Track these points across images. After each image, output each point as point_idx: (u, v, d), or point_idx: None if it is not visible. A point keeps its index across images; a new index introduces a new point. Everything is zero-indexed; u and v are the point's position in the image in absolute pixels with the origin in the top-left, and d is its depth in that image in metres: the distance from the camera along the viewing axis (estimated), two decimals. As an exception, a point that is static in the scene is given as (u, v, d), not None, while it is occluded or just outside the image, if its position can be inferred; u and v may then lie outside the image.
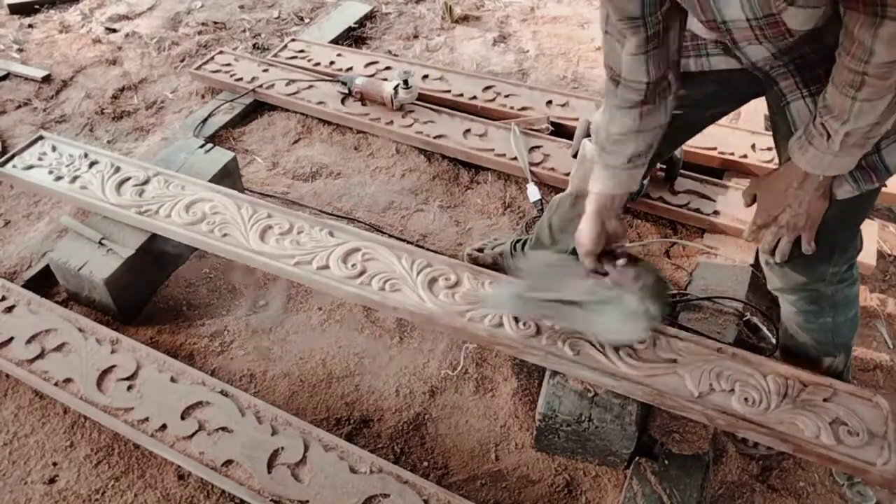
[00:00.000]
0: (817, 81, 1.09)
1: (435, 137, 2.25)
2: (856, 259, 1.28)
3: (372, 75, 2.53)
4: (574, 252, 1.60)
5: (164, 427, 1.40)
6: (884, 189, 1.98)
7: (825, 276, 1.26)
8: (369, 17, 3.20)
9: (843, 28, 0.93)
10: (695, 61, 1.26)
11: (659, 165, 1.97)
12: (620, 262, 1.32)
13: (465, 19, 3.19)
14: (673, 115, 1.27)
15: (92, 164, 1.85)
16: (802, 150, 1.07)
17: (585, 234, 1.31)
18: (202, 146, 2.00)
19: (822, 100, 1.01)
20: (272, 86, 2.49)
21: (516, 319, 1.42)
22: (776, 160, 2.12)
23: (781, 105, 1.16)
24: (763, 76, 1.17)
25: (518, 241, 1.81)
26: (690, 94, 1.28)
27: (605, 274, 1.33)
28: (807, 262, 1.24)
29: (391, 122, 2.31)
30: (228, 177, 1.96)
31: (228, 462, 1.35)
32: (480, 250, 1.87)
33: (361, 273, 1.54)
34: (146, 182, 1.79)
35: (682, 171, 2.03)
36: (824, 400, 1.29)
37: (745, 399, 1.28)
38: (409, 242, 1.86)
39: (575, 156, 2.09)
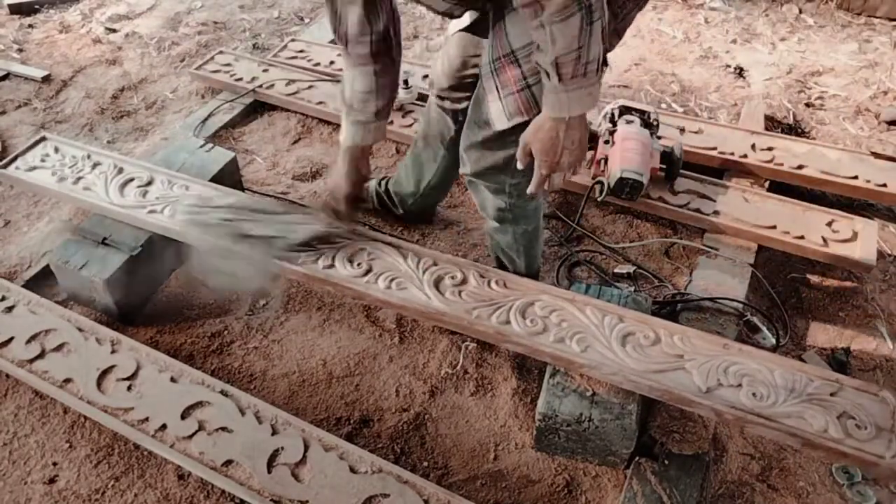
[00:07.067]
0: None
1: (435, 137, 2.25)
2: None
3: (372, 75, 2.53)
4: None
5: (164, 427, 1.40)
6: (884, 189, 2.03)
7: (505, 186, 1.46)
8: (369, 17, 3.20)
9: None
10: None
11: (659, 164, 1.97)
12: (365, 206, 1.58)
13: (465, 19, 3.18)
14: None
15: (95, 166, 1.85)
16: (545, 100, 1.16)
17: (345, 181, 1.54)
18: (202, 146, 2.00)
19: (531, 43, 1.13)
20: (272, 86, 2.49)
21: (523, 315, 1.43)
22: (775, 160, 2.14)
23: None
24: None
25: (384, 178, 2.00)
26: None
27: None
28: (491, 174, 1.45)
29: (391, 122, 2.31)
30: (229, 177, 1.96)
31: (228, 462, 1.35)
32: None
33: (367, 272, 1.54)
34: (150, 183, 1.79)
35: (681, 171, 2.03)
36: (831, 394, 1.29)
37: (753, 394, 1.28)
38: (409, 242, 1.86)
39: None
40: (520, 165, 1.30)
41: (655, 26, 3.20)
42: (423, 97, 2.40)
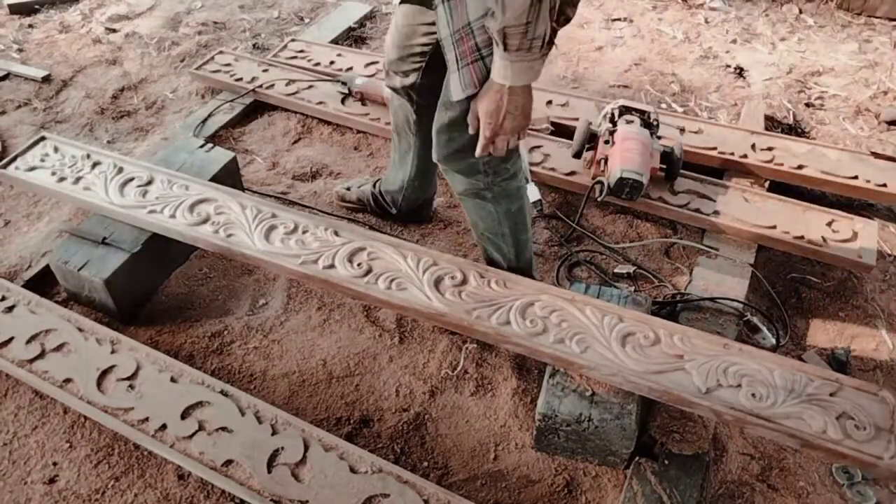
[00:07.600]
0: None
1: (435, 137, 2.25)
2: (509, 154, 1.38)
3: (372, 75, 2.53)
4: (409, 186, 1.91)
5: (164, 427, 1.40)
6: (884, 189, 2.03)
7: (479, 165, 1.45)
8: (369, 17, 3.20)
9: None
10: None
11: (659, 164, 1.97)
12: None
13: (465, 19, 3.18)
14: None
15: (94, 165, 1.85)
16: (493, 63, 1.19)
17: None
18: (202, 146, 2.00)
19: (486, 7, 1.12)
20: (272, 86, 2.49)
21: (522, 316, 1.43)
22: (775, 160, 2.14)
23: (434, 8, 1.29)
24: None
25: (378, 180, 2.03)
26: None
27: None
28: (462, 156, 1.44)
29: (391, 122, 2.31)
30: (229, 177, 1.96)
31: (228, 462, 1.35)
32: (348, 189, 2.09)
33: (368, 272, 1.54)
34: (150, 182, 1.79)
35: (682, 171, 2.03)
36: (830, 395, 1.29)
37: (753, 394, 1.28)
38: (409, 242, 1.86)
39: (576, 156, 2.09)
40: (471, 130, 1.32)
41: (655, 26, 3.20)
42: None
